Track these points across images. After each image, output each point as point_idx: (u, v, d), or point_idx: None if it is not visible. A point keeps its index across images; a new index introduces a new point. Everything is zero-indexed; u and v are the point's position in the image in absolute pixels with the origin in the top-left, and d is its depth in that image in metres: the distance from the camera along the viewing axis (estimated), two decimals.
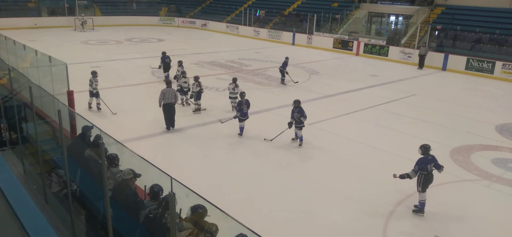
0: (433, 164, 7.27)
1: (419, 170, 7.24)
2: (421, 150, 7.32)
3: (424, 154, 7.29)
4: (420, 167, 7.23)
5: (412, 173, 7.28)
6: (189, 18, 40.06)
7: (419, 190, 7.38)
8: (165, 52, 16.79)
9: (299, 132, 10.43)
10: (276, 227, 6.95)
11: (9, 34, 21.64)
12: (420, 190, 7.35)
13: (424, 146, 7.34)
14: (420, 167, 7.23)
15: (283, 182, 8.61)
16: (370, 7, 31.03)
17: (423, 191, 7.34)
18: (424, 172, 7.24)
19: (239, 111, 10.80)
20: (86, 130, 6.26)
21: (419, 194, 7.42)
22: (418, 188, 7.38)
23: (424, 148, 7.32)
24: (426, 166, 7.21)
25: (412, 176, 7.29)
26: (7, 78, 9.62)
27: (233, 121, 11.13)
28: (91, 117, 11.96)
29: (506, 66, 20.64)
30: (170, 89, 11.00)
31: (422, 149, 7.32)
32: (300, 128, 10.33)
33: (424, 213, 7.42)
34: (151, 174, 4.55)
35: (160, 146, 10.33)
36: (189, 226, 4.38)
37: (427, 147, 7.32)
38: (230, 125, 11.86)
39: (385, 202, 7.82)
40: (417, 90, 17.34)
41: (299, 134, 10.46)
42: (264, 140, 10.71)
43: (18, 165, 7.47)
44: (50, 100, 7.08)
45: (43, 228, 5.34)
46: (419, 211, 7.48)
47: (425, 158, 7.27)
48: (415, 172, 7.27)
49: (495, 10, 24.91)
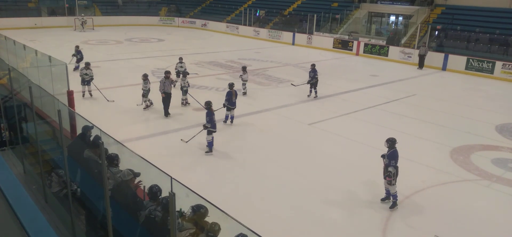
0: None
1: (396, 163, 7.35)
2: (389, 143, 7.40)
3: (392, 147, 7.37)
4: (396, 160, 7.34)
5: (393, 169, 7.34)
6: (189, 18, 40.06)
7: (393, 183, 7.40)
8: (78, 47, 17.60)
9: (209, 137, 9.69)
10: (276, 227, 6.95)
11: (9, 34, 21.64)
12: (394, 182, 7.40)
13: (391, 139, 7.43)
14: (396, 160, 7.34)
15: (283, 182, 8.60)
16: (370, 7, 31.03)
17: (395, 183, 7.44)
18: (397, 165, 7.39)
19: (228, 100, 11.35)
20: (86, 130, 6.25)
21: (392, 187, 7.45)
22: (393, 181, 7.39)
23: (391, 141, 7.39)
24: (397, 159, 7.36)
25: (393, 172, 7.36)
26: (7, 78, 9.62)
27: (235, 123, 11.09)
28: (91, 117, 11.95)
29: (506, 66, 20.64)
30: (168, 80, 11.95)
31: (389, 142, 7.39)
32: (209, 133, 9.64)
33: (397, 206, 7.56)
34: (151, 174, 4.55)
35: (160, 146, 10.32)
36: (190, 226, 4.37)
37: (393, 139, 7.42)
38: (230, 125, 11.87)
39: (385, 202, 7.81)
40: (417, 90, 17.34)
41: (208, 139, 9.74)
42: (181, 140, 10.26)
43: (18, 165, 7.48)
44: (50, 100, 7.08)
45: (43, 228, 5.35)
46: (394, 205, 7.55)
47: (395, 150, 7.36)
48: (395, 167, 7.36)
49: (495, 10, 24.91)
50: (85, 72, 13.67)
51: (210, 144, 9.70)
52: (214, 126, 9.66)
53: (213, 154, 9.77)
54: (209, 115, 9.55)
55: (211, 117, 9.56)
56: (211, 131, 9.62)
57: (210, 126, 9.55)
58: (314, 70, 14.64)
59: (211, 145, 9.70)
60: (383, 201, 7.74)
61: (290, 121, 12.41)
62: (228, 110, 11.65)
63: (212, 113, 9.63)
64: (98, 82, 14.10)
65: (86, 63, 13.92)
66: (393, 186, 7.46)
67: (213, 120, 9.60)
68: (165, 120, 12.03)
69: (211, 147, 9.72)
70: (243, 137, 11.24)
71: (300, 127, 11.98)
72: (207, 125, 9.53)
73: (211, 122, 9.55)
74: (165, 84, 11.88)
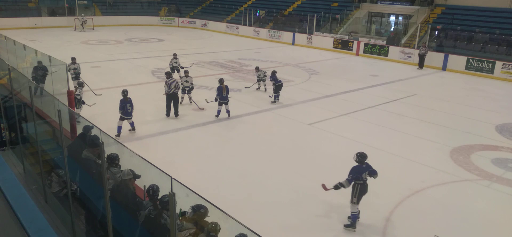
0: (367, 172, 6.70)
1: (353, 179, 6.68)
2: (357, 158, 6.71)
3: (359, 162, 6.70)
4: (355, 176, 6.66)
5: (346, 182, 6.74)
6: (189, 18, 40.07)
7: (353, 201, 6.75)
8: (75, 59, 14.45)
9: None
10: (276, 227, 6.95)
11: (9, 34, 21.66)
12: (355, 201, 6.74)
13: (361, 153, 6.75)
14: (355, 176, 6.66)
15: (283, 182, 8.60)
16: (370, 7, 31.03)
17: (357, 202, 6.77)
18: (359, 181, 6.67)
19: (219, 95, 11.86)
20: (87, 130, 6.26)
21: (352, 206, 6.80)
22: (352, 199, 6.75)
23: (361, 155, 6.72)
24: (361, 175, 6.65)
25: (346, 186, 6.78)
26: (7, 78, 9.62)
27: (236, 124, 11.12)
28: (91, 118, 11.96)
29: (506, 66, 20.65)
30: (173, 79, 11.94)
31: (359, 156, 6.72)
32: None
33: (355, 229, 6.87)
34: (151, 174, 4.55)
35: (160, 146, 10.33)
36: (190, 226, 4.38)
37: (363, 154, 6.74)
38: (230, 126, 11.88)
39: (385, 202, 7.82)
40: (417, 90, 17.34)
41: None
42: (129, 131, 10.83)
43: (18, 165, 7.48)
44: (50, 100, 7.08)
45: (43, 228, 5.34)
46: (351, 226, 6.89)
47: (360, 166, 6.69)
48: (349, 181, 6.72)
49: (495, 10, 24.91)
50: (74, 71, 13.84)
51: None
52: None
53: (213, 153, 9.78)
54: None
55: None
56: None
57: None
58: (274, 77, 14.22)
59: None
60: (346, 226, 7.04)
61: (290, 121, 12.41)
62: (220, 104, 12.06)
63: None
64: (99, 82, 14.10)
65: (72, 58, 14.04)
66: (353, 204, 6.78)
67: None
68: (164, 120, 12.02)
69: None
70: (243, 136, 11.24)
71: (300, 127, 11.98)
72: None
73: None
74: (170, 84, 11.86)
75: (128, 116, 10.54)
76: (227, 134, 11.34)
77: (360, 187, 6.71)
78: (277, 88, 14.18)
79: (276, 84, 14.13)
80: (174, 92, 11.87)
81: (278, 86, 14.16)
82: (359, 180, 6.68)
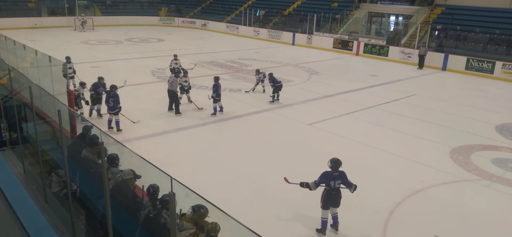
0: (339, 181, 6.46)
1: (321, 183, 6.50)
2: (330, 164, 6.50)
3: (332, 168, 6.47)
4: (322, 181, 6.48)
5: (313, 184, 6.56)
6: (189, 18, 40.06)
7: (321, 206, 6.59)
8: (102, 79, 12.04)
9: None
10: (276, 226, 6.95)
11: (9, 34, 21.67)
12: (321, 206, 6.56)
13: (335, 160, 6.50)
14: (322, 181, 6.48)
15: (283, 182, 8.59)
16: (370, 7, 31.03)
17: (324, 208, 6.55)
18: (327, 187, 6.48)
19: (215, 92, 12.13)
20: (87, 130, 6.26)
21: (321, 211, 6.62)
22: (320, 204, 6.60)
23: (334, 162, 6.48)
24: (329, 182, 6.43)
25: (312, 188, 6.58)
26: (7, 78, 9.63)
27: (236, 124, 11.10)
28: (90, 117, 11.96)
29: (506, 66, 20.64)
30: (174, 78, 12.30)
31: (332, 162, 6.49)
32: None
33: (325, 235, 6.68)
34: (151, 174, 4.55)
35: (160, 146, 10.33)
36: (190, 226, 4.38)
37: (337, 161, 6.48)
38: (230, 126, 11.87)
39: (385, 202, 7.82)
40: (417, 90, 17.34)
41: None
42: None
43: (18, 165, 7.48)
44: (50, 100, 7.08)
45: (43, 228, 5.35)
46: (321, 231, 6.67)
47: (330, 172, 6.47)
48: (316, 184, 6.53)
49: (495, 10, 24.91)
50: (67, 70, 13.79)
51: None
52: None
53: (213, 154, 9.78)
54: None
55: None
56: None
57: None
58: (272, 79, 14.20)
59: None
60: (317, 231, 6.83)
61: (290, 121, 12.41)
62: (214, 102, 12.29)
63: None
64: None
65: (67, 58, 13.92)
66: (322, 210, 6.58)
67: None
68: (164, 120, 12.03)
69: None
70: (243, 137, 11.24)
71: (300, 127, 11.98)
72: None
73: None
74: (172, 82, 12.28)
75: (111, 111, 10.72)
76: (227, 134, 11.34)
77: (326, 193, 6.51)
78: (276, 88, 14.18)
79: (275, 85, 14.14)
80: (171, 90, 12.19)
81: (277, 87, 14.16)
82: (327, 186, 6.48)
